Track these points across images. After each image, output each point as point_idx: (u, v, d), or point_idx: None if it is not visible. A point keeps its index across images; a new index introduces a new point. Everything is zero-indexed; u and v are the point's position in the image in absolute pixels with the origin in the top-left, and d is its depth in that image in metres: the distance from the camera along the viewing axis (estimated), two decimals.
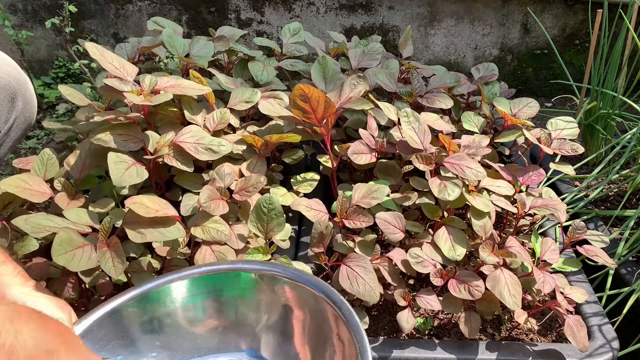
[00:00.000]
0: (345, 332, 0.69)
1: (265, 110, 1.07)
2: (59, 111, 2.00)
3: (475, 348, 0.88)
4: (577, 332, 0.84)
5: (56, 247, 0.76)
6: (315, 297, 0.75)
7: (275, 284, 0.79)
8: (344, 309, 0.71)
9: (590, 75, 1.39)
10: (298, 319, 0.79)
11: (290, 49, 1.44)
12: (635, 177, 1.24)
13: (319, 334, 0.76)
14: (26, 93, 1.01)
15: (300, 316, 0.79)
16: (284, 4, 2.03)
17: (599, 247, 0.99)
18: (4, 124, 0.97)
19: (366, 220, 0.93)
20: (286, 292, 0.79)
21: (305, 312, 0.79)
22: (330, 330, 0.73)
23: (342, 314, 0.70)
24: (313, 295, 0.75)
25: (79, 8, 2.01)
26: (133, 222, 0.85)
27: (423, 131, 1.01)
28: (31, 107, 1.04)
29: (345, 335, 0.69)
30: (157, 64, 1.39)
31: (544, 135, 1.11)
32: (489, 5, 1.99)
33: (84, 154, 1.00)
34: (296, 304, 0.79)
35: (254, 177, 0.97)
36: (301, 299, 0.78)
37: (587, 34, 2.02)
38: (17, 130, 1.01)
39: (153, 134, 1.01)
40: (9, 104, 0.96)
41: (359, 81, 1.10)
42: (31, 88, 1.04)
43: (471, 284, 0.87)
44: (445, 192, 0.92)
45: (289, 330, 0.80)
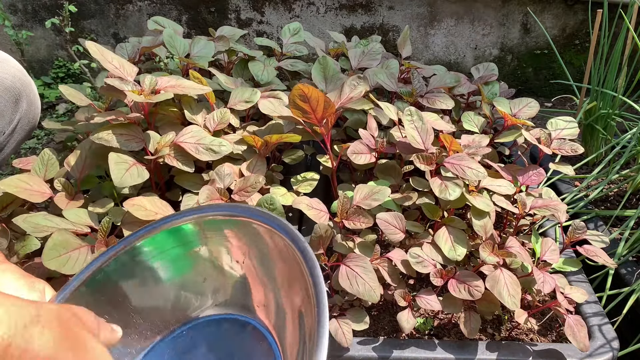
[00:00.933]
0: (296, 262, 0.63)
1: (266, 109, 1.07)
2: (59, 111, 2.00)
3: (475, 348, 0.88)
4: (577, 332, 0.84)
5: (47, 251, 0.74)
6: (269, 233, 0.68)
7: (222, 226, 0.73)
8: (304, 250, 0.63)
9: (590, 75, 1.39)
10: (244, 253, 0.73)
11: (290, 49, 1.44)
12: (635, 177, 1.24)
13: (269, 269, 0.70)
14: (30, 94, 1.02)
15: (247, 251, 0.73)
16: (284, 4, 2.03)
17: (599, 247, 0.99)
18: (8, 124, 0.97)
19: (366, 222, 0.93)
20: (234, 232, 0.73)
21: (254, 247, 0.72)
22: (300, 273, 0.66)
23: (292, 244, 0.64)
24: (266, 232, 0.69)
25: (79, 8, 2.01)
26: (131, 222, 0.86)
27: (426, 131, 1.01)
28: (35, 109, 1.05)
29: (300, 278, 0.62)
30: (158, 64, 1.39)
31: (544, 135, 1.11)
32: (489, 5, 1.99)
33: (85, 154, 1.00)
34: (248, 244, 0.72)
35: (253, 177, 0.97)
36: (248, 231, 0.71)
37: (587, 34, 2.02)
38: (21, 132, 1.01)
39: (154, 134, 1.01)
40: (13, 105, 0.97)
41: (360, 81, 1.11)
42: (35, 89, 1.04)
43: (471, 284, 0.87)
44: (446, 192, 0.92)
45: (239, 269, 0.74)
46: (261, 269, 0.73)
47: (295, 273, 0.64)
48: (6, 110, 0.95)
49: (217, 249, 0.74)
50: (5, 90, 0.94)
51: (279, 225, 0.67)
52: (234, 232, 0.74)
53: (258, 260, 0.73)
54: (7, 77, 0.94)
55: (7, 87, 0.95)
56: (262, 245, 0.71)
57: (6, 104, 0.95)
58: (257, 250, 0.72)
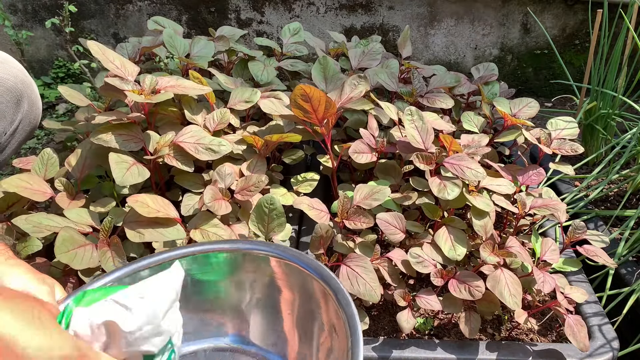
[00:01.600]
0: (335, 317, 0.63)
1: (267, 108, 1.07)
2: (59, 111, 2.00)
3: (475, 348, 0.88)
4: (577, 332, 0.84)
5: (59, 245, 0.76)
6: (302, 274, 0.70)
7: (260, 262, 0.75)
8: (337, 289, 0.64)
9: (590, 75, 1.39)
10: (286, 300, 0.75)
11: (290, 49, 1.44)
12: (635, 177, 1.24)
13: (308, 315, 0.71)
14: (32, 95, 1.02)
15: (288, 297, 0.74)
16: (284, 4, 2.03)
17: (599, 247, 0.99)
18: (10, 125, 0.97)
19: (367, 221, 0.93)
20: (272, 269, 0.74)
21: (294, 292, 0.74)
22: (319, 312, 0.68)
23: (333, 294, 0.64)
24: (300, 273, 0.70)
25: (79, 8, 2.01)
26: (133, 221, 0.86)
27: (426, 130, 1.01)
28: (36, 109, 1.05)
29: (337, 321, 0.63)
30: (158, 64, 1.39)
31: (544, 135, 1.11)
32: (489, 5, 1.99)
33: (85, 153, 1.00)
34: (284, 283, 0.74)
35: (255, 177, 0.97)
36: (288, 277, 0.73)
37: (587, 34, 2.02)
38: (22, 132, 1.01)
39: (153, 134, 1.01)
40: (14, 106, 0.97)
41: (360, 81, 1.11)
42: (36, 90, 1.04)
43: (471, 284, 0.87)
44: (445, 191, 0.92)
45: (277, 313, 0.76)
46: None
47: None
48: (8, 110, 0.95)
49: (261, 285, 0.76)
50: (6, 91, 0.94)
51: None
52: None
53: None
54: (8, 78, 0.95)
55: (8, 87, 0.95)
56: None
57: (8, 104, 0.95)
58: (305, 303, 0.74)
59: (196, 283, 0.76)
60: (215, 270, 0.77)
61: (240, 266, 0.76)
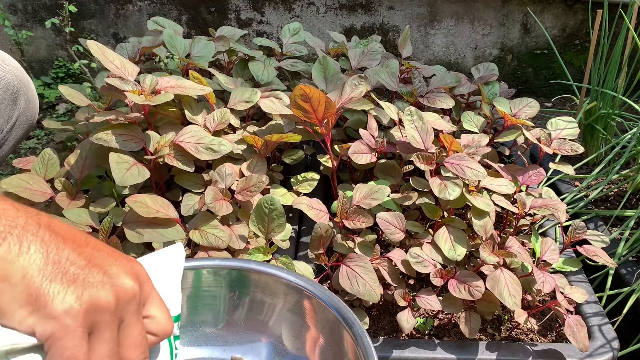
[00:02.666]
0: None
1: (267, 108, 1.07)
2: (59, 111, 2.00)
3: (475, 348, 0.88)
4: (577, 332, 0.84)
5: None
6: (334, 319, 0.68)
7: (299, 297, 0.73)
8: (363, 338, 0.63)
9: (590, 75, 1.39)
10: (314, 340, 0.73)
11: (290, 49, 1.44)
12: (635, 177, 1.24)
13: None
14: (28, 92, 1.02)
15: (316, 337, 0.72)
16: (284, 4, 2.03)
17: (599, 247, 0.99)
18: (6, 122, 0.97)
19: (366, 221, 0.93)
20: (305, 308, 0.72)
21: (323, 334, 0.71)
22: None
23: (358, 346, 0.63)
24: (333, 317, 0.68)
25: (79, 8, 2.01)
26: (132, 221, 0.86)
27: (426, 130, 1.01)
28: (33, 107, 1.05)
29: None
30: (158, 64, 1.39)
31: (544, 135, 1.11)
32: (489, 5, 1.99)
33: (85, 153, 1.00)
34: (314, 323, 0.72)
35: (256, 177, 0.97)
36: (321, 319, 0.71)
37: (587, 34, 2.02)
38: (19, 130, 1.01)
39: (153, 134, 1.01)
40: (11, 103, 0.97)
41: (361, 81, 1.11)
42: (33, 88, 1.04)
43: (471, 284, 0.87)
44: (445, 191, 0.92)
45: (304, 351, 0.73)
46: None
47: None
48: (4, 108, 0.95)
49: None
50: (3, 88, 0.94)
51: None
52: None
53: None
54: (5, 75, 0.95)
55: (4, 85, 0.95)
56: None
57: (4, 101, 0.95)
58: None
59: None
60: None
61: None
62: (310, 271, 0.93)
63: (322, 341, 0.71)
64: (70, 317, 0.41)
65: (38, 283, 0.41)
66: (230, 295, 0.74)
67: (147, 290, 0.48)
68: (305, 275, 0.83)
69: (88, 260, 0.44)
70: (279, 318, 0.74)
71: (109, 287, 0.44)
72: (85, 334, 0.42)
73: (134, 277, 0.46)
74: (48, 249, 0.42)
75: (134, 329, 0.46)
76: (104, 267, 0.45)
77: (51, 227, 0.44)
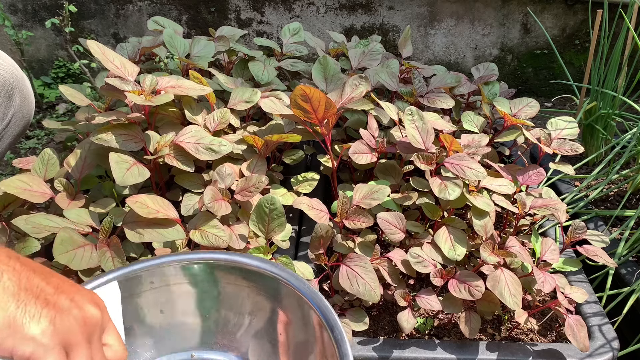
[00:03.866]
0: (329, 346, 0.64)
1: (267, 108, 1.07)
2: (59, 111, 2.00)
3: (475, 348, 0.88)
4: (577, 332, 0.85)
5: (57, 246, 0.76)
6: (300, 300, 0.70)
7: (264, 282, 0.75)
8: (330, 318, 0.65)
9: (590, 75, 1.39)
10: (284, 324, 0.75)
11: (290, 49, 1.44)
12: (635, 177, 1.24)
13: (304, 343, 0.72)
14: (23, 89, 1.02)
15: (286, 321, 0.74)
16: (284, 4, 2.03)
17: (599, 247, 0.99)
18: (2, 119, 0.97)
19: (366, 221, 0.93)
20: (275, 292, 0.74)
21: (292, 317, 0.74)
22: (314, 340, 0.69)
23: (326, 323, 0.65)
24: (298, 299, 0.70)
25: (79, 8, 2.01)
26: (132, 221, 0.86)
27: (426, 130, 1.01)
28: (29, 104, 1.05)
29: (330, 349, 0.64)
30: (158, 64, 1.39)
31: (544, 135, 1.11)
32: (489, 5, 1.99)
33: (84, 154, 1.00)
34: (284, 308, 0.74)
35: (255, 177, 0.97)
36: (289, 302, 0.73)
37: (587, 34, 2.02)
38: (16, 127, 1.01)
39: (154, 134, 1.01)
40: (6, 100, 0.97)
41: (361, 81, 1.11)
42: (28, 85, 1.04)
43: (471, 284, 0.87)
44: (445, 191, 0.92)
45: (276, 337, 0.75)
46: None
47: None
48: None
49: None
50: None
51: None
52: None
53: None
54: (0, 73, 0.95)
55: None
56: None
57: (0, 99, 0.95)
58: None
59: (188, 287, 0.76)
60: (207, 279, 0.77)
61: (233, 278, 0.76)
62: (310, 271, 0.93)
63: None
64: (47, 337, 0.44)
65: (13, 308, 0.44)
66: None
67: (106, 319, 0.52)
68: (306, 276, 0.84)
69: (56, 288, 0.48)
70: None
71: (77, 312, 0.48)
72: (63, 352, 0.45)
73: (96, 305, 0.50)
74: (20, 277, 0.46)
75: (96, 353, 0.49)
76: (71, 294, 0.49)
77: (20, 259, 0.48)
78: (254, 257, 0.75)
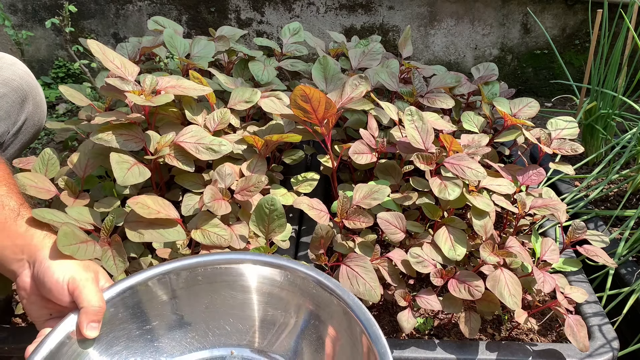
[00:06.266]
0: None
1: (267, 107, 1.07)
2: (59, 111, 2.00)
3: (475, 348, 0.88)
4: (577, 332, 0.85)
5: (61, 238, 0.76)
6: (347, 312, 0.71)
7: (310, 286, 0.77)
8: (373, 332, 0.67)
9: (590, 75, 1.39)
10: (330, 336, 0.76)
11: (290, 49, 1.44)
12: (635, 177, 1.24)
13: (347, 353, 0.72)
14: (37, 97, 1.04)
15: (332, 333, 0.75)
16: (284, 4, 2.03)
17: (599, 247, 0.99)
18: (13, 125, 0.99)
19: (366, 221, 0.93)
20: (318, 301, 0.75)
21: (337, 327, 0.74)
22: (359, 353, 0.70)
23: (370, 336, 0.67)
24: (345, 311, 0.71)
25: (79, 8, 2.01)
26: (133, 221, 0.86)
27: (426, 130, 1.01)
28: (41, 112, 1.07)
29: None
30: (158, 64, 1.39)
31: (544, 135, 1.11)
32: (489, 5, 1.99)
33: (86, 154, 1.00)
34: (330, 318, 0.75)
35: (255, 177, 0.97)
36: (335, 312, 0.74)
37: (587, 34, 2.02)
38: (26, 134, 1.03)
39: (154, 134, 1.01)
40: (19, 106, 0.99)
41: (361, 81, 1.11)
42: (41, 92, 1.06)
43: (471, 284, 0.87)
44: (445, 191, 0.92)
45: (319, 345, 0.76)
46: None
47: None
48: (12, 110, 0.97)
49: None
50: (12, 91, 0.96)
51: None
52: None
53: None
54: (15, 79, 0.98)
55: (14, 87, 0.97)
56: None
57: (13, 104, 0.97)
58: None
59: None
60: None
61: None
62: None
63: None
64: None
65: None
66: None
67: None
68: None
69: None
70: None
71: None
72: None
73: None
74: None
75: None
76: None
77: None
78: (314, 269, 0.77)
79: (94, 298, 0.68)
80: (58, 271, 0.70)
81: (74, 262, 0.72)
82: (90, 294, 0.68)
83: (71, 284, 0.69)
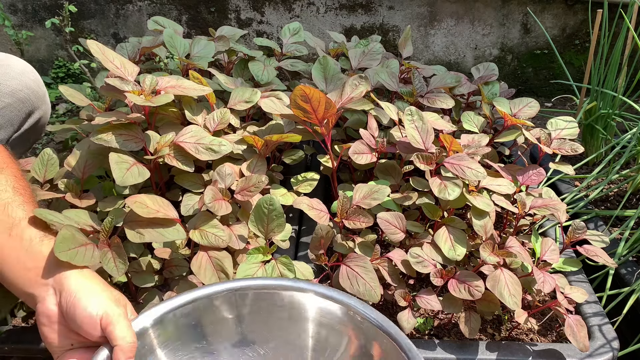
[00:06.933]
0: None
1: (267, 108, 1.07)
2: (59, 111, 2.00)
3: (475, 348, 0.88)
4: (577, 332, 0.85)
5: (58, 244, 0.75)
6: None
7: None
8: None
9: (590, 75, 1.39)
10: None
11: (290, 49, 1.44)
12: (635, 177, 1.24)
13: None
14: (43, 106, 1.04)
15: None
16: (284, 4, 2.03)
17: (599, 247, 0.99)
18: (14, 132, 0.99)
19: (366, 221, 0.93)
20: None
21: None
22: None
23: None
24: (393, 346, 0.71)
25: (79, 8, 2.01)
26: (133, 221, 0.85)
27: (426, 130, 1.01)
28: (43, 121, 1.07)
29: None
30: (158, 64, 1.39)
31: (544, 135, 1.11)
32: (489, 5, 1.99)
33: (85, 154, 1.00)
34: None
35: (255, 177, 0.97)
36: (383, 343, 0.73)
37: (587, 34, 2.02)
38: (26, 143, 1.04)
39: (154, 134, 1.01)
40: (25, 117, 0.99)
41: (361, 81, 1.11)
42: (48, 102, 1.06)
43: (471, 284, 0.87)
44: (445, 191, 0.92)
45: None
46: None
47: None
48: (16, 120, 0.97)
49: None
50: (18, 101, 0.96)
51: None
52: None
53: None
54: (22, 89, 0.96)
55: (21, 98, 0.97)
56: None
57: (18, 114, 0.97)
58: None
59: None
60: None
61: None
62: (310, 271, 0.93)
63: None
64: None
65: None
66: None
67: None
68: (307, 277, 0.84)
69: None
70: None
71: None
72: None
73: None
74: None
75: None
76: None
77: None
78: (374, 311, 0.76)
79: (128, 334, 0.67)
80: (91, 306, 0.67)
81: (106, 297, 0.70)
82: (123, 330, 0.67)
83: (104, 320, 0.67)
